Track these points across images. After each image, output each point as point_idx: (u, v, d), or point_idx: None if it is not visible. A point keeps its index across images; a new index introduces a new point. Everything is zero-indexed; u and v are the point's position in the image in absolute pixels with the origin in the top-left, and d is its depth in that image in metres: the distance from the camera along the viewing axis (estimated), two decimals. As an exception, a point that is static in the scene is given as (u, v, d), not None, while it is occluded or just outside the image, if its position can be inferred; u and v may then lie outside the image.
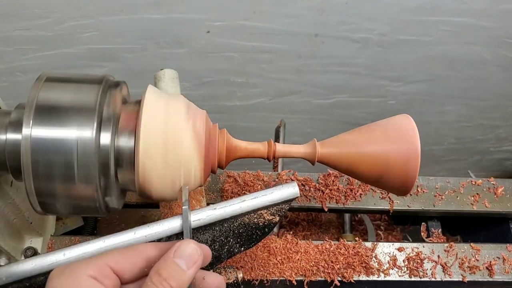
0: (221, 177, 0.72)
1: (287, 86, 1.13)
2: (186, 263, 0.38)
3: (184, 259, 0.38)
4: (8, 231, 0.57)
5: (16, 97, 0.54)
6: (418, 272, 0.67)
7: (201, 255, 0.40)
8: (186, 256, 0.39)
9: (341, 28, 0.98)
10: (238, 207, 0.49)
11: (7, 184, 0.55)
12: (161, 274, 0.37)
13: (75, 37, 0.91)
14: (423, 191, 0.76)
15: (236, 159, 0.52)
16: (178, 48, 0.97)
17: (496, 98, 1.24)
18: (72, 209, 0.48)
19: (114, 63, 0.98)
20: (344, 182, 0.75)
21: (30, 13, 0.85)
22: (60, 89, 0.46)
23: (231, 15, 0.92)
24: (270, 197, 0.49)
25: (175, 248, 0.39)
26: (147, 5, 0.87)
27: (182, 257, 0.38)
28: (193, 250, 0.39)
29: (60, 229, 0.72)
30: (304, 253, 0.65)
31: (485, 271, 0.69)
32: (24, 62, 0.94)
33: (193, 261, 0.39)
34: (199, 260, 0.39)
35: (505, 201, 0.77)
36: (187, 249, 0.39)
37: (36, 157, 0.43)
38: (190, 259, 0.39)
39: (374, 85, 1.15)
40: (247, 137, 0.54)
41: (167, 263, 0.38)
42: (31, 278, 0.45)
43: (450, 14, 0.98)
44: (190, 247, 0.39)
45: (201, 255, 0.40)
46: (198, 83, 1.08)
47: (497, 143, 1.44)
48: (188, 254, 0.39)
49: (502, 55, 1.10)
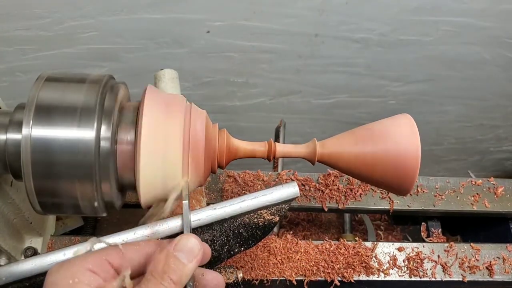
0: (221, 177, 0.72)
1: (287, 86, 1.13)
2: (186, 256, 0.38)
3: (184, 253, 0.38)
4: (8, 231, 0.57)
5: (16, 97, 0.54)
6: (418, 272, 0.67)
7: (201, 250, 0.40)
8: (186, 250, 0.39)
9: (341, 28, 0.98)
10: (238, 207, 0.49)
11: (7, 184, 0.55)
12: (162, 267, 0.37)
13: (75, 37, 0.91)
14: (423, 191, 0.76)
15: (236, 159, 0.52)
16: (178, 48, 0.97)
17: (496, 98, 1.24)
18: (72, 209, 0.48)
19: (114, 63, 0.98)
20: (344, 182, 0.75)
21: (30, 13, 0.85)
22: (60, 89, 0.46)
23: (231, 15, 0.92)
24: (270, 197, 0.49)
25: (175, 242, 0.39)
26: (147, 5, 0.87)
27: (182, 251, 0.38)
28: (194, 244, 0.39)
29: (60, 229, 0.72)
30: (304, 253, 0.65)
31: (485, 271, 0.69)
32: (24, 62, 0.94)
33: (194, 255, 0.39)
34: (199, 255, 0.39)
35: (505, 201, 0.77)
36: (187, 243, 0.39)
37: (36, 157, 0.43)
38: (190, 253, 0.39)
39: (374, 85, 1.15)
40: (247, 137, 0.54)
41: (167, 256, 0.38)
42: (31, 278, 0.45)
43: (450, 14, 0.98)
44: (191, 241, 0.39)
45: (201, 249, 0.40)
46: (198, 83, 1.08)
47: (497, 143, 1.44)
48: (189, 248, 0.39)
49: (502, 55, 1.10)
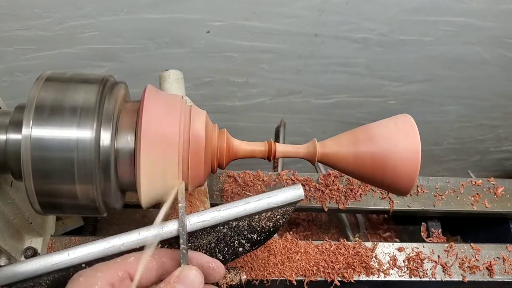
0: (221, 177, 0.72)
1: (287, 86, 1.13)
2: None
3: (184, 285, 0.38)
4: (8, 231, 0.57)
5: (16, 97, 0.54)
6: (418, 272, 0.67)
7: (202, 283, 0.40)
8: (187, 283, 0.39)
9: (341, 28, 0.98)
10: (242, 208, 0.48)
11: (7, 184, 0.55)
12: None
13: (75, 37, 0.91)
14: (423, 191, 0.76)
15: (236, 159, 0.52)
16: (178, 48, 0.97)
17: (496, 98, 1.24)
18: (72, 209, 0.48)
19: (114, 63, 0.98)
20: (344, 182, 0.75)
21: (30, 13, 0.85)
22: (60, 89, 0.46)
23: (231, 15, 0.92)
24: (275, 199, 0.49)
25: (176, 273, 0.39)
26: (147, 5, 0.87)
27: (183, 283, 0.38)
28: (194, 277, 0.39)
29: (60, 229, 0.72)
30: (304, 253, 0.65)
31: (485, 271, 0.69)
32: (24, 62, 0.94)
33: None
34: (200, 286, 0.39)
35: (505, 201, 0.77)
36: (189, 275, 0.39)
37: (36, 157, 0.43)
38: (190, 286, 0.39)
39: (374, 85, 1.15)
40: (247, 137, 0.55)
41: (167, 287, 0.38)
42: (35, 278, 0.45)
43: (450, 14, 0.98)
44: (192, 274, 0.39)
45: (202, 282, 0.40)
46: (198, 83, 1.08)
47: (497, 143, 1.44)
48: (190, 281, 0.39)
49: (502, 55, 1.10)
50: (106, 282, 0.36)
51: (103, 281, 0.37)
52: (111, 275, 0.37)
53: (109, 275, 0.37)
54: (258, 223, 0.50)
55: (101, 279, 0.37)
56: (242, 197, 0.70)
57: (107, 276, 0.37)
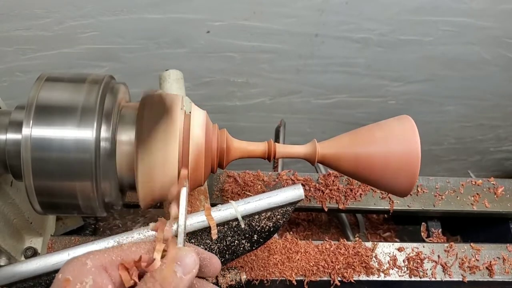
0: (221, 177, 0.72)
1: (287, 86, 1.13)
2: (182, 270, 0.38)
3: (181, 266, 0.38)
4: (8, 231, 0.57)
5: (16, 97, 0.54)
6: (418, 272, 0.67)
7: (197, 264, 0.39)
8: (183, 263, 0.39)
9: (341, 28, 0.98)
10: (243, 208, 0.49)
11: (7, 184, 0.55)
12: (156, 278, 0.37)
13: (75, 37, 0.91)
14: (423, 191, 0.76)
15: (236, 159, 0.52)
16: (178, 48, 0.97)
17: (496, 98, 1.24)
18: (72, 209, 0.48)
19: (114, 63, 0.98)
20: (344, 182, 0.75)
21: (30, 13, 0.85)
22: (60, 89, 0.46)
23: (231, 15, 0.92)
24: (275, 199, 0.49)
25: (173, 252, 0.39)
26: (147, 5, 0.87)
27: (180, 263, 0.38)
28: (191, 258, 0.39)
29: (60, 229, 0.72)
30: (304, 253, 0.65)
31: (485, 271, 0.69)
32: (24, 62, 0.94)
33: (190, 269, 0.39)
34: (196, 268, 0.39)
35: (505, 201, 0.77)
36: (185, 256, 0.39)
37: (36, 157, 0.43)
38: (187, 266, 0.39)
39: (374, 85, 1.15)
40: (247, 137, 0.55)
41: (163, 267, 0.38)
42: (35, 277, 0.45)
43: (450, 14, 0.98)
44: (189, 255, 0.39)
45: (197, 264, 0.39)
46: (198, 83, 1.08)
47: (497, 143, 1.44)
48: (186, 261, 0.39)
49: (502, 55, 1.10)
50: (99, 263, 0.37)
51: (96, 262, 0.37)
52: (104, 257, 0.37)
53: (102, 257, 0.37)
54: (258, 223, 0.50)
55: (93, 260, 0.37)
56: (242, 197, 0.70)
57: (101, 258, 0.37)
